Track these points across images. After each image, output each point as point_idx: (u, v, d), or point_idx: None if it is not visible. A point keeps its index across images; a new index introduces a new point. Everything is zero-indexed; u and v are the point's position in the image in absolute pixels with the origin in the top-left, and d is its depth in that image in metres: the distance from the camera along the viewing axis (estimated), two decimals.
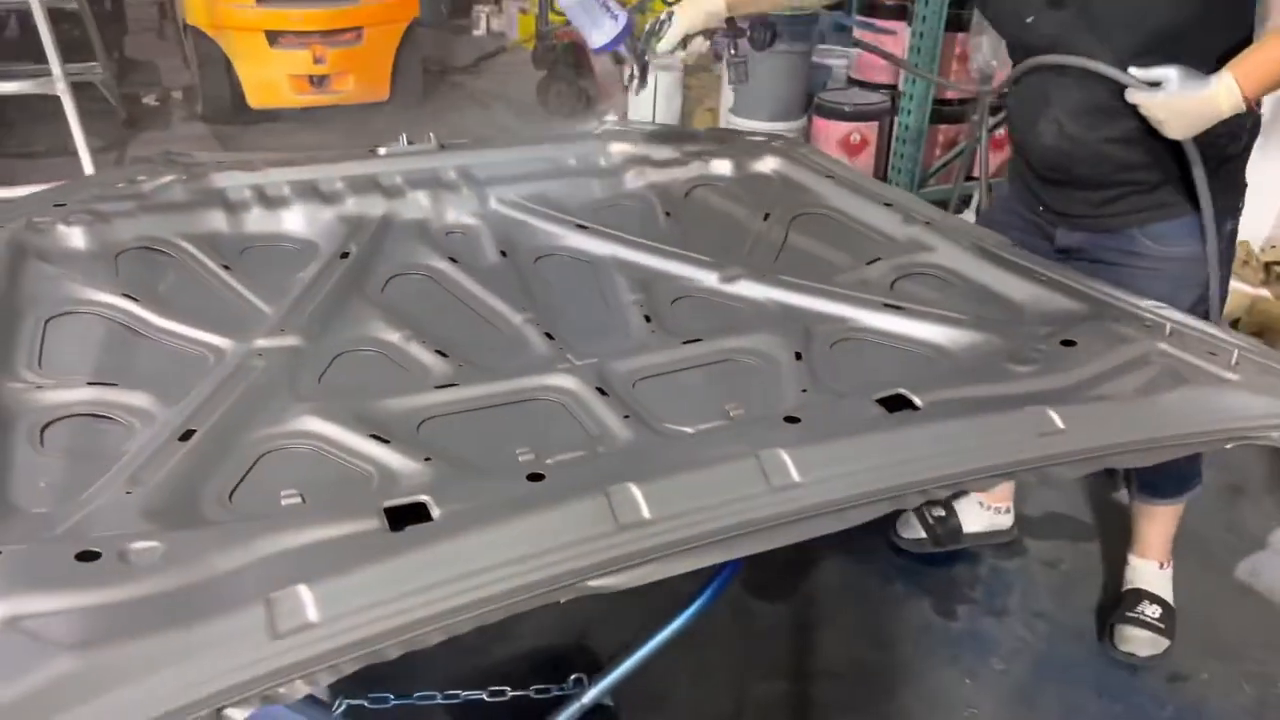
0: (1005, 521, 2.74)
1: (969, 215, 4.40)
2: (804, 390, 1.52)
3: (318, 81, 5.70)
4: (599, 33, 1.96)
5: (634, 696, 2.11)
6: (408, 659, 1.01)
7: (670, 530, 1.17)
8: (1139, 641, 2.37)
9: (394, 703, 1.36)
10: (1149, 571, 2.46)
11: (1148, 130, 1.84)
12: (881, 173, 4.89)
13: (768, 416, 1.41)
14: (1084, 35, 1.85)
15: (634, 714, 2.07)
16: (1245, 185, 2.03)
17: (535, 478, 1.23)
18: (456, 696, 1.36)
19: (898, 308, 1.73)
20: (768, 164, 2.36)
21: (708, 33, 2.07)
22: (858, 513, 1.23)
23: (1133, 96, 1.79)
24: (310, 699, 1.07)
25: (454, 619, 1.02)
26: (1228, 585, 2.60)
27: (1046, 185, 2.11)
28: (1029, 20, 1.94)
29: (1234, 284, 3.21)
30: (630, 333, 1.72)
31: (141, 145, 5.54)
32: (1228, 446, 1.37)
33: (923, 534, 2.68)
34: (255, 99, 5.69)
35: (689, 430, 1.42)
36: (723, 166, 2.36)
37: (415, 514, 1.16)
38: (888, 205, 2.09)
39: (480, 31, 8.46)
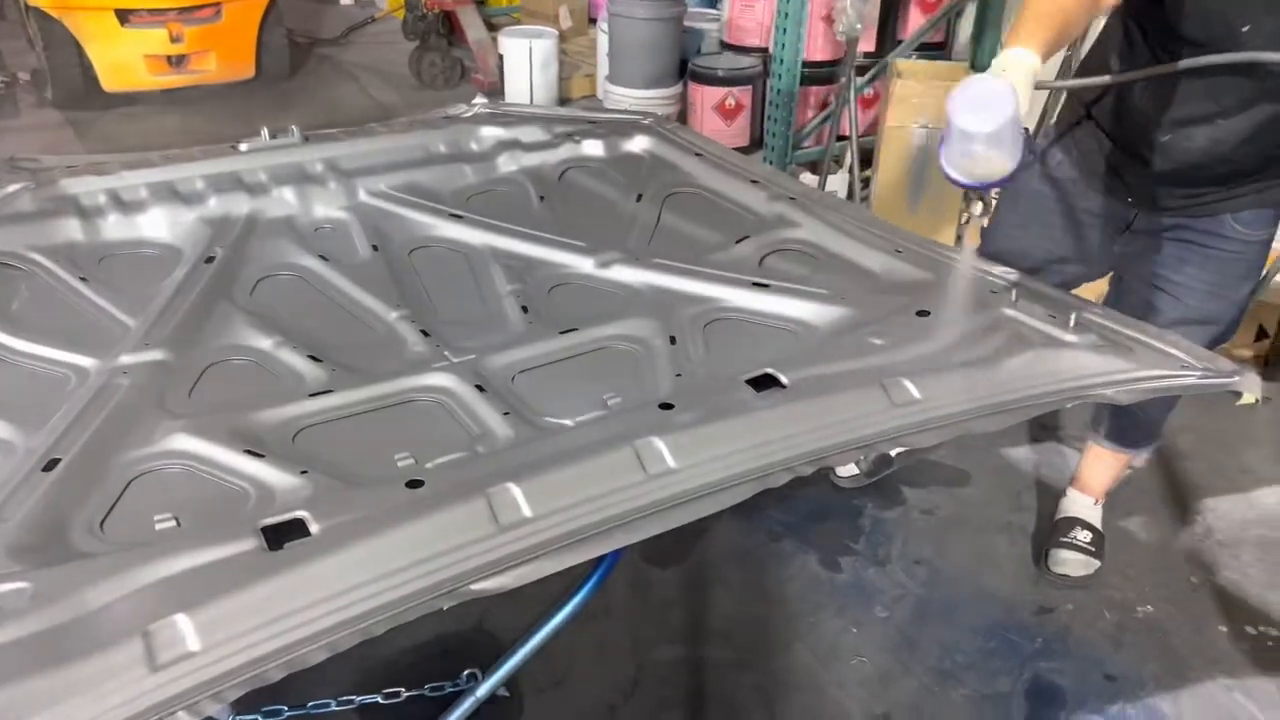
0: None
1: (842, 175, 4.53)
2: (678, 375, 1.57)
3: (176, 61, 5.44)
4: (974, 165, 1.50)
5: (535, 678, 2.16)
6: None
7: (551, 526, 1.20)
8: (1072, 564, 2.54)
9: (289, 714, 1.37)
10: (1084, 504, 2.62)
11: None
12: (757, 136, 4.97)
13: (644, 404, 1.45)
14: None
15: (536, 695, 2.12)
16: None
17: (414, 484, 1.25)
18: (351, 701, 1.37)
19: (765, 285, 1.79)
20: (639, 143, 2.39)
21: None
22: (729, 495, 1.28)
23: None
24: None
25: (337, 635, 1.04)
26: None
27: (1147, 179, 2.01)
28: (1244, 29, 1.73)
29: None
30: (508, 325, 1.74)
31: None
32: (1069, 406, 1.48)
33: (855, 470, 2.79)
34: (109, 82, 5.41)
35: (569, 423, 1.46)
36: (594, 147, 2.38)
37: (294, 530, 1.17)
38: (754, 182, 2.15)
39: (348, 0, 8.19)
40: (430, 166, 2.25)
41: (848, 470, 2.81)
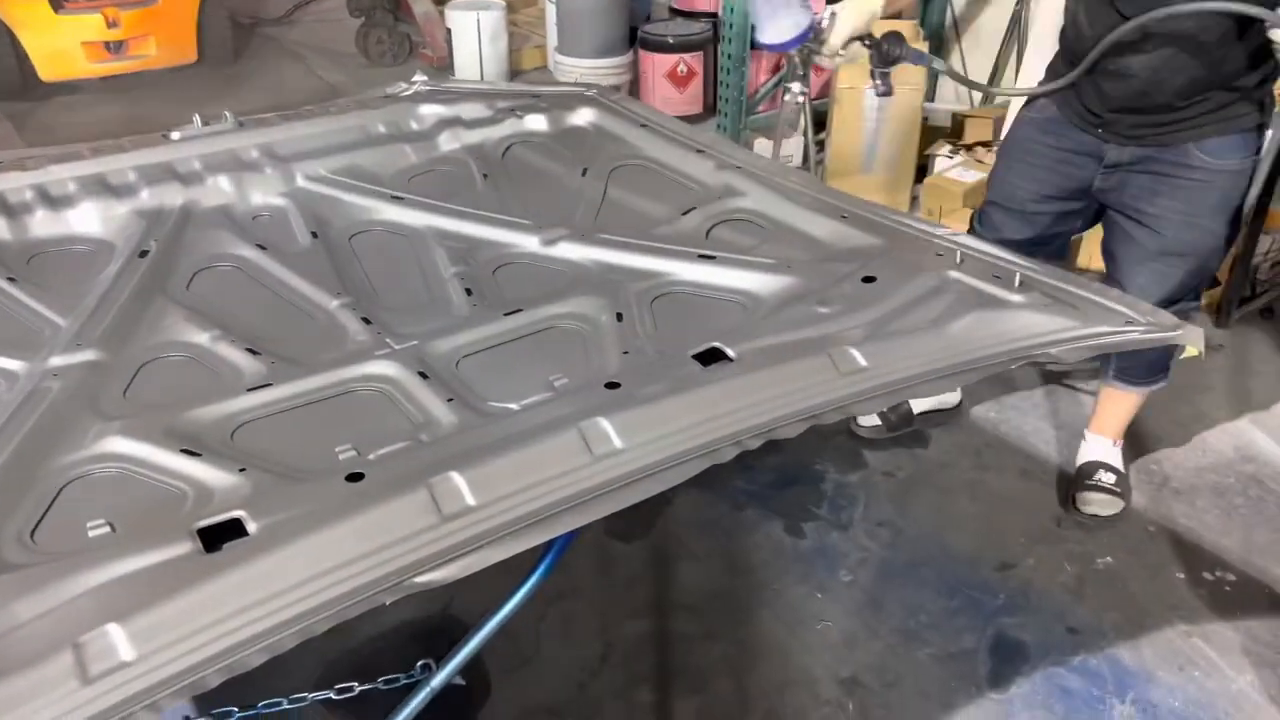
0: (952, 399, 2.97)
1: (797, 139, 4.50)
2: (625, 352, 1.55)
3: (115, 47, 5.31)
4: (777, 29, 2.06)
5: (503, 658, 2.16)
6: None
7: (496, 514, 1.18)
8: (1100, 503, 2.60)
9: (239, 716, 1.35)
10: (1104, 446, 2.67)
11: (1234, 60, 1.99)
12: (711, 102, 4.93)
13: (590, 384, 1.44)
14: None
15: (504, 676, 2.12)
16: None
17: (354, 477, 1.22)
18: (304, 699, 1.35)
19: (711, 258, 1.77)
20: (583, 116, 2.35)
21: (868, 37, 2.14)
22: (676, 472, 1.27)
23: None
24: None
25: (276, 637, 1.02)
26: (1046, 472, 2.81)
27: (1113, 111, 2.18)
28: None
29: None
30: (451, 308, 1.71)
31: None
32: (1014, 366, 1.48)
33: (878, 421, 2.87)
34: (46, 71, 5.27)
35: (514, 407, 1.44)
36: (538, 122, 2.34)
37: (231, 531, 1.14)
38: (700, 152, 2.12)
39: None
40: (370, 148, 2.20)
41: (869, 420, 2.86)
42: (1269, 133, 2.22)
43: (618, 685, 2.19)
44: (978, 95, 4.63)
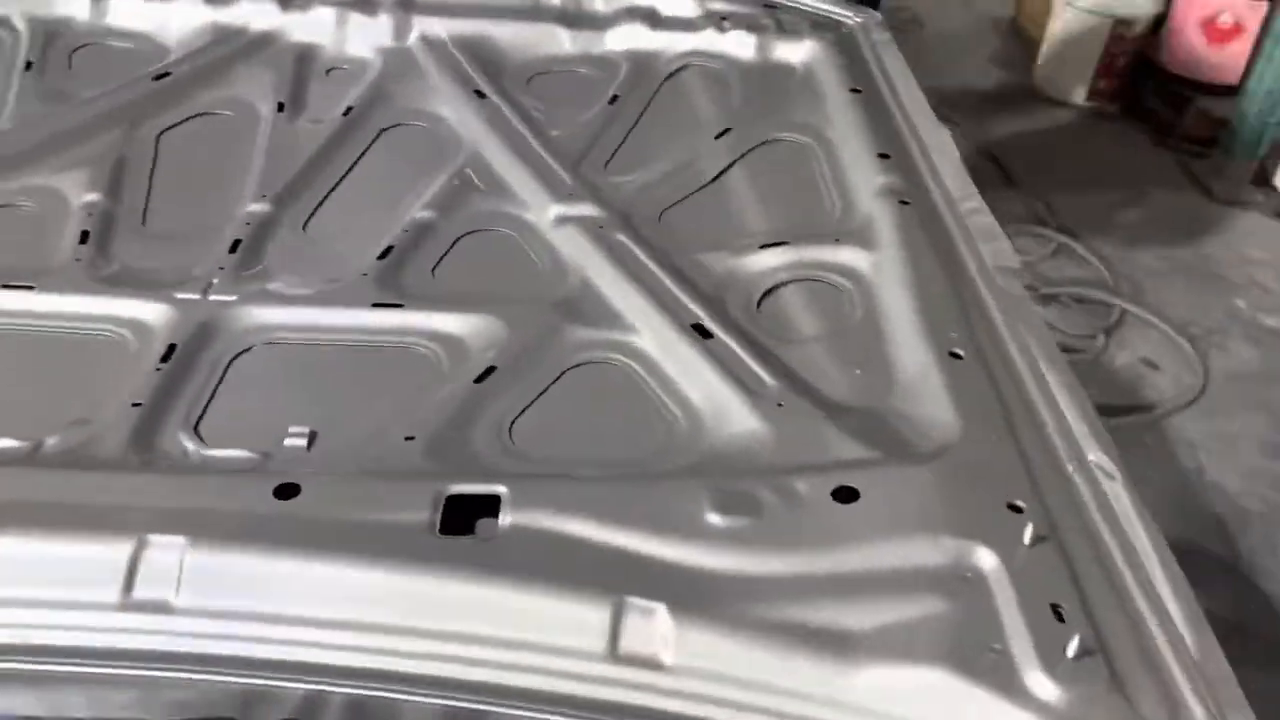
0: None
1: None
2: (409, 438, 0.99)
3: None
4: None
5: None
6: None
7: None
8: None
9: None
10: None
11: None
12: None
13: (292, 468, 0.93)
14: None
15: None
16: None
17: None
18: None
19: (708, 335, 1.10)
20: (800, 52, 1.64)
21: None
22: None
23: None
24: None
25: None
26: None
27: None
28: None
29: None
30: (344, 268, 1.24)
31: None
32: None
33: None
34: None
35: (197, 448, 0.98)
36: (741, 44, 1.68)
37: None
38: (884, 156, 1.35)
39: None
40: (518, 22, 1.71)
41: None
42: None
43: None
44: None
